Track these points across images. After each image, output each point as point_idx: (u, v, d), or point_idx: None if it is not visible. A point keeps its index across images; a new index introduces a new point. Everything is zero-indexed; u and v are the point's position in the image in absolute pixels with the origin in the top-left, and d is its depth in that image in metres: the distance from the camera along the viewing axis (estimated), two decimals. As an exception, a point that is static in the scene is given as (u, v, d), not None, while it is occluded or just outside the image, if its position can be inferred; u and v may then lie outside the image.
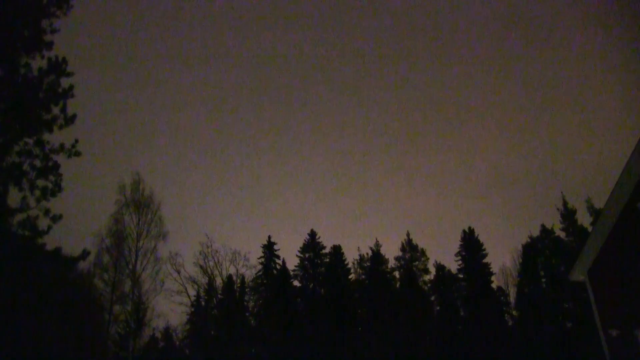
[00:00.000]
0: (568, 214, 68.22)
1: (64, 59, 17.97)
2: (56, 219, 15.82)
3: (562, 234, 68.23)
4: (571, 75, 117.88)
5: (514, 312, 69.57)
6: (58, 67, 17.50)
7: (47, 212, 15.53)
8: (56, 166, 15.39)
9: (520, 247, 69.82)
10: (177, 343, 38.29)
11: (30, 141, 14.91)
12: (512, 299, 69.96)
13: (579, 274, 18.04)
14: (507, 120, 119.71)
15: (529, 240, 69.66)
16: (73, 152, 16.06)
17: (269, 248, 75.82)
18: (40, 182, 15.13)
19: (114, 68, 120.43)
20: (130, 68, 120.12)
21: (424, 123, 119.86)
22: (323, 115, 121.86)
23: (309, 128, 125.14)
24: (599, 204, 62.49)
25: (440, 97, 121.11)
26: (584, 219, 67.17)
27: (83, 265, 32.45)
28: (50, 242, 15.93)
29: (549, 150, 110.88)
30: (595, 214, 61.71)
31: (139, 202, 37.96)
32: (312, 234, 79.02)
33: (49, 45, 16.37)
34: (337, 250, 77.90)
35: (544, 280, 66.42)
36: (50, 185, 15.31)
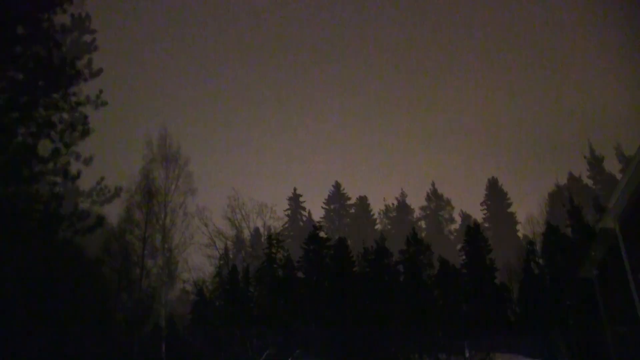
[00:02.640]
0: (596, 162, 67.24)
1: (87, 14, 17.81)
2: (88, 161, 15.92)
3: (590, 182, 67.50)
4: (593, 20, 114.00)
5: (541, 260, 69.39)
6: (81, 24, 17.38)
7: (77, 156, 15.65)
8: (84, 117, 15.47)
9: (547, 196, 69.45)
10: (208, 295, 39.24)
11: (57, 96, 14.98)
12: (538, 248, 69.77)
13: (609, 222, 17.82)
14: (530, 70, 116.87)
15: (555, 188, 69.09)
16: (99, 102, 16.09)
17: (295, 200, 76.33)
18: (70, 135, 15.24)
19: (139, 23, 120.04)
20: (155, 24, 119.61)
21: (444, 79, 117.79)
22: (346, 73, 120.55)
23: (334, 83, 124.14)
24: (630, 150, 61.38)
25: (460, 55, 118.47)
26: (612, 166, 66.27)
27: (113, 221, 33.11)
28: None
29: (574, 96, 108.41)
30: (625, 161, 60.60)
31: (167, 157, 38.11)
32: (337, 186, 79.23)
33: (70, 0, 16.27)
34: (362, 200, 78.18)
35: (570, 230, 65.93)
36: (78, 133, 15.37)
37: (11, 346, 16.82)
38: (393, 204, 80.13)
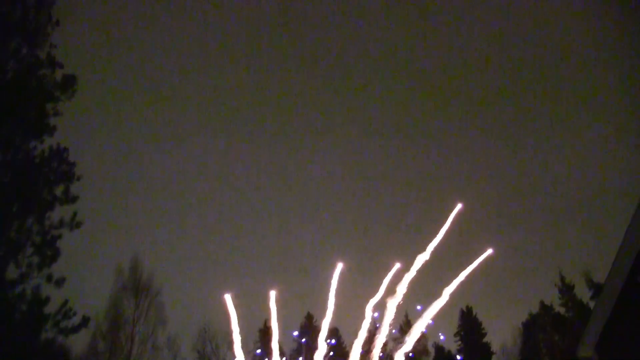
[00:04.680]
0: (566, 289, 67.59)
1: (65, 148, 18.19)
2: (60, 282, 15.43)
3: (562, 310, 67.37)
4: (564, 155, 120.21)
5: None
6: (59, 155, 17.70)
7: (49, 277, 15.21)
8: (54, 240, 15.25)
9: (520, 325, 68.82)
10: None
11: (30, 220, 14.90)
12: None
13: (586, 351, 17.72)
14: (501, 200, 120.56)
15: (528, 317, 68.70)
16: (74, 224, 15.97)
17: (265, 332, 74.27)
18: (36, 259, 14.96)
19: (115, 152, 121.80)
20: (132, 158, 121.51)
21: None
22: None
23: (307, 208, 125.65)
24: (597, 278, 62.11)
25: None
26: (583, 293, 66.56)
27: (77, 350, 31.59)
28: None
29: (544, 226, 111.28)
30: (595, 288, 61.10)
31: (137, 286, 37.35)
32: (309, 317, 77.87)
33: (52, 129, 16.66)
34: (334, 333, 76.49)
35: (546, 358, 65.00)
36: (49, 254, 15.10)
37: None
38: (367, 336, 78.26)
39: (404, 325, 78.09)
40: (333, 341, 66.99)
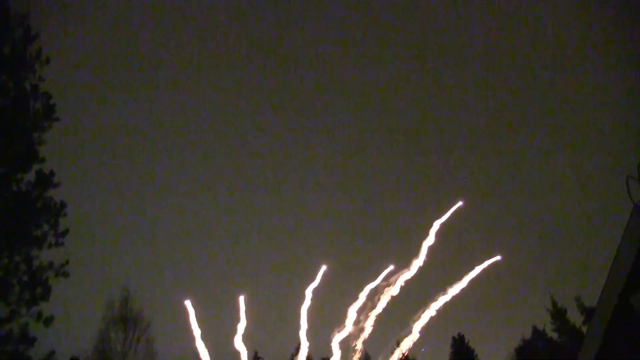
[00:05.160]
0: (558, 314, 67.50)
1: (51, 171, 18.11)
2: (48, 321, 15.23)
3: (555, 335, 67.19)
4: (556, 178, 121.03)
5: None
6: (46, 180, 17.58)
7: (39, 315, 15.03)
8: (44, 282, 15.08)
9: (513, 351, 68.43)
10: None
11: (18, 258, 14.73)
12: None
13: (580, 375, 17.60)
14: (491, 223, 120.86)
15: (521, 343, 68.38)
16: (61, 272, 15.79)
17: (256, 363, 73.45)
18: (28, 295, 14.78)
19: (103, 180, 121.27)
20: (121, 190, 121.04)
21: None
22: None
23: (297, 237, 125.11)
24: (588, 301, 62.21)
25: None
26: (575, 317, 66.54)
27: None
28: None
29: (534, 250, 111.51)
30: (586, 312, 61.17)
31: (127, 319, 36.94)
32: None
33: (42, 160, 16.61)
34: (327, 366, 75.78)
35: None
36: (39, 290, 14.95)
37: None
38: (357, 367, 77.37)
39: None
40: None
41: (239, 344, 45.71)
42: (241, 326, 46.91)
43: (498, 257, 42.03)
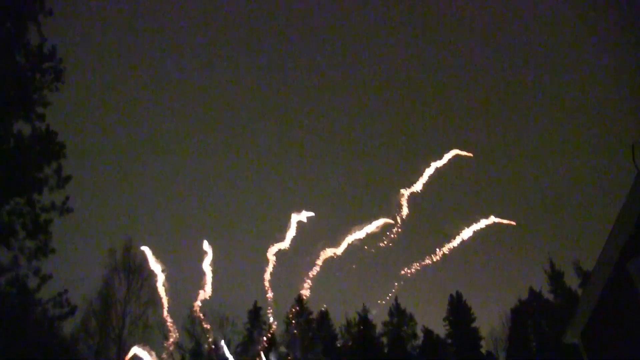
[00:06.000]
0: (556, 277, 68.14)
1: (54, 131, 17.99)
2: (45, 278, 15.53)
3: (551, 297, 67.97)
4: (557, 145, 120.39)
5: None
6: (48, 137, 17.52)
7: (36, 271, 15.29)
8: (46, 224, 15.22)
9: (509, 311, 69.27)
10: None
11: (21, 201, 14.83)
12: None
13: (572, 337, 17.91)
14: (491, 183, 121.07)
15: (517, 303, 69.17)
16: (64, 209, 15.91)
17: (255, 314, 74.45)
18: (31, 242, 14.96)
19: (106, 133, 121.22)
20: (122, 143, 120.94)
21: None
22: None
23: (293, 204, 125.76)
24: (586, 266, 62.81)
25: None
26: (571, 281, 67.27)
27: (67, 329, 31.67)
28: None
29: (535, 213, 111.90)
30: (583, 276, 61.74)
31: (130, 268, 37.50)
32: (299, 299, 77.94)
33: (41, 117, 16.49)
34: (324, 316, 76.74)
35: (534, 344, 65.63)
36: (40, 244, 15.11)
37: None
38: (355, 319, 78.62)
39: (392, 308, 78.84)
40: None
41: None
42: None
43: (513, 222, 42.41)
